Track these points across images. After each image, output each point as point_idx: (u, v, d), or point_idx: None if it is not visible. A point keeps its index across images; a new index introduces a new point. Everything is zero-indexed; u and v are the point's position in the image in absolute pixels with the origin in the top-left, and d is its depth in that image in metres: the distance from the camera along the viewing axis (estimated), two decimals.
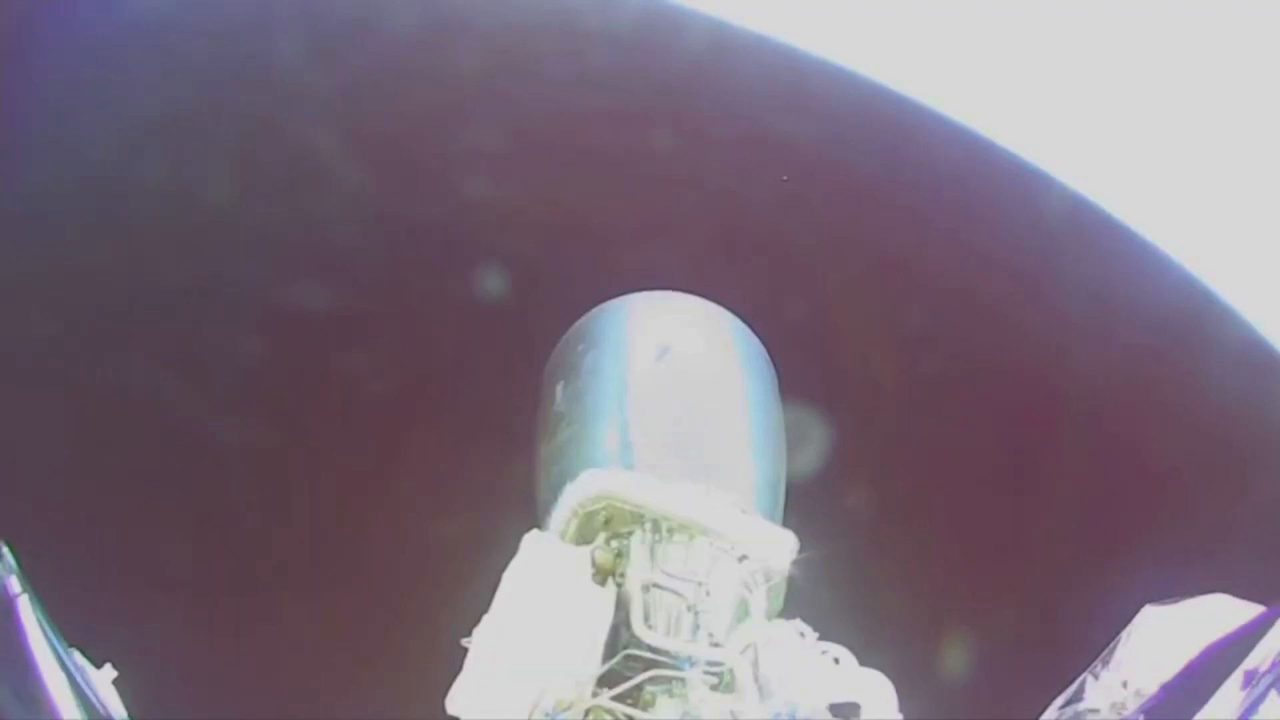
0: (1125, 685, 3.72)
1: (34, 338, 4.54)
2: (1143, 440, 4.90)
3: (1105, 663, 3.76)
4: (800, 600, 3.72)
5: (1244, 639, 3.65)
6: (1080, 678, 3.76)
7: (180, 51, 4.82)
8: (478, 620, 3.28)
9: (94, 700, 3.33)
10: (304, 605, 4.78)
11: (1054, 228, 4.96)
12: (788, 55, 4.81)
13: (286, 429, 4.91)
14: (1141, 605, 3.74)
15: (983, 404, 4.99)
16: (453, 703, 3.22)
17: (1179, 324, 4.82)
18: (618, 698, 3.27)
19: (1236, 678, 3.57)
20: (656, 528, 3.54)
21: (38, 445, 4.39)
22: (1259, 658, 3.56)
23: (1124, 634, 3.77)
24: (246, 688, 4.46)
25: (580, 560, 3.41)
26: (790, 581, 3.69)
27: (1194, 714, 3.55)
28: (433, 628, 3.57)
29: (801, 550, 3.62)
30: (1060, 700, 3.80)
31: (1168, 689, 3.75)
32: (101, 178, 4.71)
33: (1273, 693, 3.48)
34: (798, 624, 3.62)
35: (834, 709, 3.37)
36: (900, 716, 3.48)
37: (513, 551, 3.40)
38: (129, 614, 4.12)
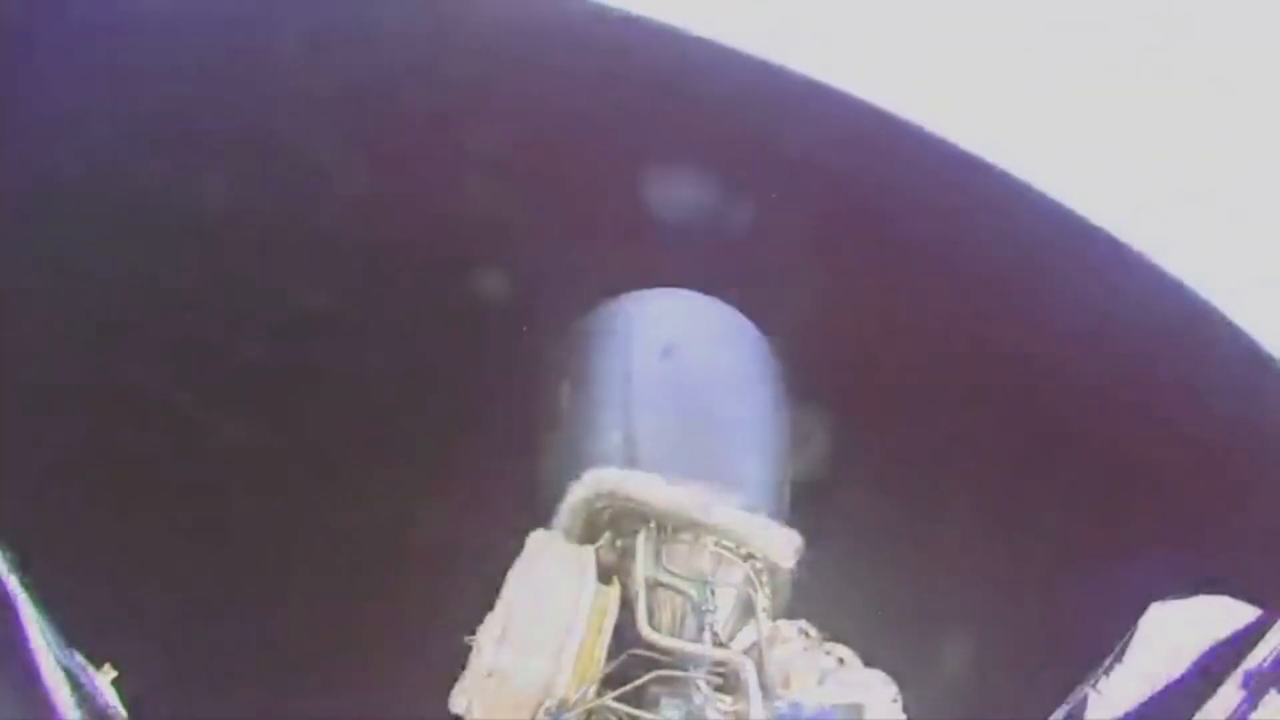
0: (1128, 692, 3.74)
1: (33, 338, 4.52)
2: (1143, 444, 4.91)
3: (1108, 674, 3.77)
4: (805, 599, 3.72)
5: (1244, 639, 3.66)
6: (1082, 691, 3.76)
7: (180, 50, 4.80)
8: (482, 618, 3.27)
9: (94, 700, 3.32)
10: (305, 605, 4.77)
11: (1048, 243, 4.99)
12: (781, 75, 4.86)
13: (287, 429, 4.90)
14: (1143, 605, 3.76)
15: (985, 408, 5.01)
16: (455, 701, 3.22)
17: (1175, 333, 4.85)
18: (621, 698, 3.27)
19: (1236, 678, 3.59)
20: (662, 527, 3.54)
21: (38, 445, 4.36)
22: (1259, 658, 3.58)
23: (1127, 641, 3.78)
24: (247, 687, 4.45)
25: (585, 559, 3.40)
26: (795, 581, 3.69)
27: (1194, 714, 3.57)
28: (436, 626, 3.56)
29: (806, 549, 3.62)
30: (1060, 713, 3.80)
31: (1168, 689, 3.76)
32: (101, 177, 4.69)
33: (1272, 692, 3.50)
34: (802, 623, 3.63)
35: (838, 709, 3.37)
36: (904, 717, 3.49)
37: (518, 550, 3.40)
38: (129, 614, 4.10)
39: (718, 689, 3.36)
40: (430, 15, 4.93)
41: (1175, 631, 3.82)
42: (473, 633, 3.27)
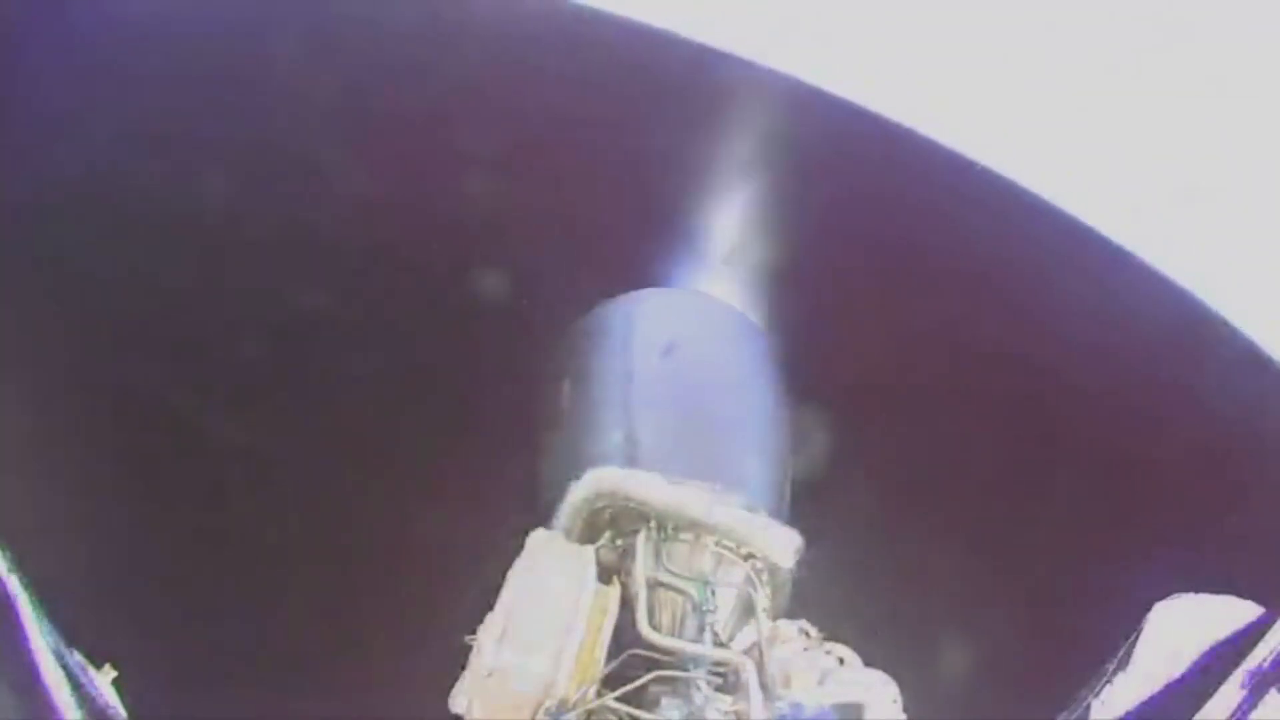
0: (1128, 693, 3.73)
1: (32, 338, 4.51)
2: (1144, 446, 4.92)
3: (1111, 681, 3.77)
4: (805, 599, 3.71)
5: (1244, 639, 3.66)
6: (1085, 700, 3.75)
7: (180, 51, 4.81)
8: (482, 619, 3.26)
9: (94, 700, 3.31)
10: (305, 605, 4.76)
11: (1048, 248, 5.02)
12: (781, 81, 4.88)
13: (286, 430, 4.89)
14: (1145, 607, 3.75)
15: (985, 410, 5.01)
16: (455, 701, 3.21)
17: (1175, 336, 4.87)
18: (621, 698, 3.25)
19: (1236, 678, 3.58)
20: (662, 526, 3.51)
21: (37, 445, 4.36)
22: (1259, 658, 3.57)
23: (1130, 647, 3.77)
24: (247, 687, 4.44)
25: (586, 558, 3.38)
26: (795, 580, 3.68)
27: (1194, 714, 3.56)
28: (436, 626, 3.55)
29: (807, 549, 3.60)
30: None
31: (1168, 689, 3.75)
32: (101, 178, 4.69)
33: (1273, 692, 3.49)
34: (802, 623, 3.61)
35: (838, 709, 3.36)
36: (904, 717, 3.48)
37: (518, 550, 3.39)
38: (129, 614, 4.09)
39: (718, 689, 3.34)
40: (429, 18, 4.93)
41: (1175, 631, 3.81)
42: (473, 633, 3.26)
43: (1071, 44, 4.84)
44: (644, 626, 3.34)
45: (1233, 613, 3.72)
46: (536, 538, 3.45)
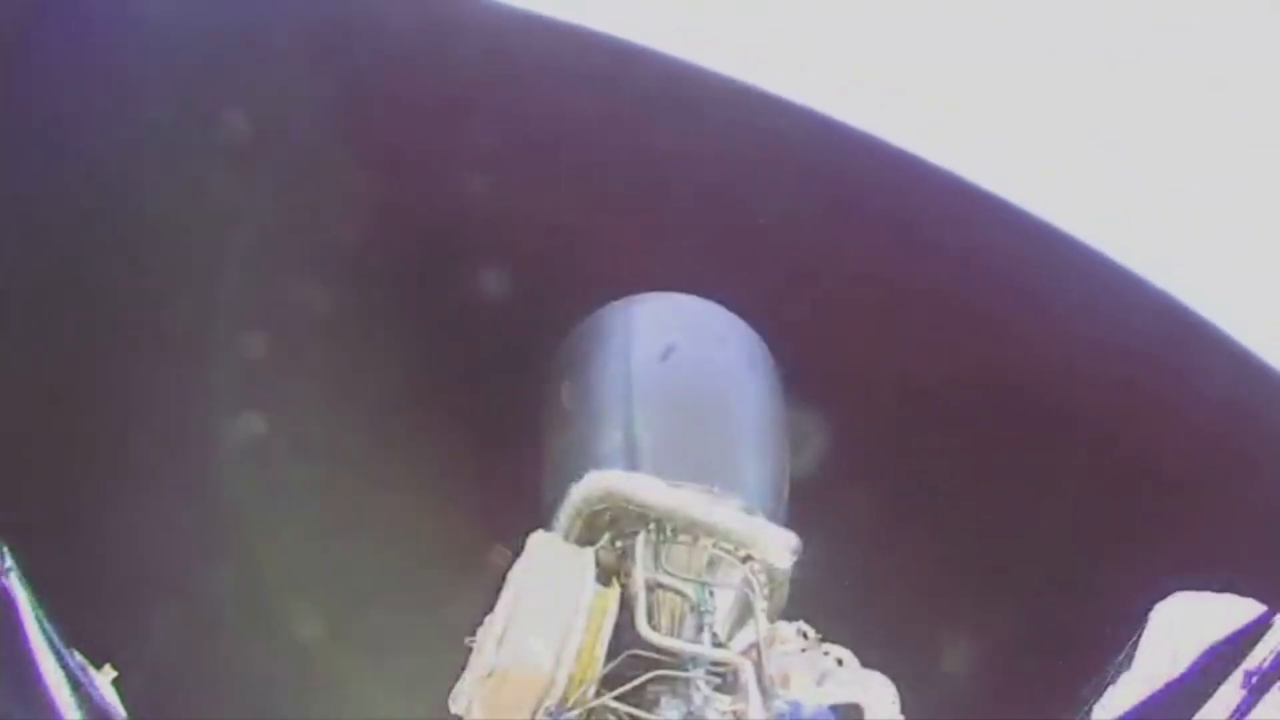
0: (1128, 693, 3.75)
1: (33, 337, 4.53)
2: (1143, 448, 4.94)
3: (1114, 683, 3.78)
4: (803, 601, 3.72)
5: (1244, 639, 3.67)
6: (1088, 705, 3.77)
7: (179, 50, 4.82)
8: (482, 619, 3.28)
9: (94, 700, 3.33)
10: (305, 605, 4.77)
11: (1049, 260, 5.04)
12: (775, 104, 4.90)
13: (287, 430, 4.90)
14: (1142, 607, 3.76)
15: (985, 411, 5.02)
16: (455, 701, 3.22)
17: (1172, 342, 4.89)
18: (620, 698, 3.26)
19: (1236, 677, 3.59)
20: (661, 528, 3.52)
21: (37, 445, 4.37)
22: (1259, 658, 3.58)
23: (1131, 651, 3.78)
24: (246, 688, 4.45)
25: (585, 560, 3.39)
26: (793, 582, 3.68)
27: (1194, 714, 3.58)
28: (436, 627, 3.56)
29: (804, 550, 3.61)
30: None
31: (1168, 689, 3.77)
32: (101, 177, 4.70)
33: (1273, 691, 3.51)
34: (800, 624, 3.63)
35: (836, 710, 3.37)
36: (903, 718, 3.49)
37: (517, 552, 3.40)
38: (129, 614, 4.11)
39: (717, 689, 3.35)
40: (430, 24, 4.94)
41: (1175, 631, 3.83)
42: (473, 633, 3.28)
43: (1058, 46, 4.86)
44: (643, 627, 3.34)
45: (1233, 613, 3.74)
46: (536, 539, 3.46)
